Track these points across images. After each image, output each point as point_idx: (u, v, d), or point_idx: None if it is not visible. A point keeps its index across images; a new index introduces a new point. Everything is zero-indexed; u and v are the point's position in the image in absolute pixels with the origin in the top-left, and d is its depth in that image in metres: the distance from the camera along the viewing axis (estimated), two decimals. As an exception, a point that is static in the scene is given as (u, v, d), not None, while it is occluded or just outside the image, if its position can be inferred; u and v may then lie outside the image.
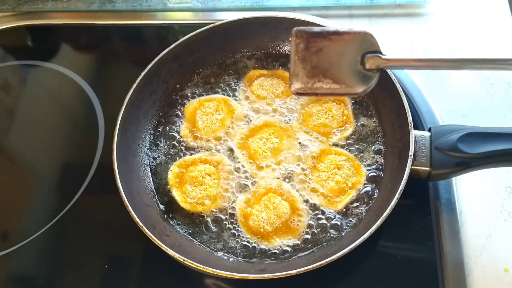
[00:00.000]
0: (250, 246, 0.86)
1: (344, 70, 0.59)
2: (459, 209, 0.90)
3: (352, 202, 0.89)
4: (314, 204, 0.89)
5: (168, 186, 0.93)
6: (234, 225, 0.88)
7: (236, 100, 1.04)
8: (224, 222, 0.89)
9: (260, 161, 0.94)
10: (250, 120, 1.00)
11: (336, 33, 0.59)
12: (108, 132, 1.06)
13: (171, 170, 0.95)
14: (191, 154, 0.98)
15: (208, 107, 1.02)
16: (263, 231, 0.86)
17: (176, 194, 0.92)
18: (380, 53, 0.61)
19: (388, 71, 0.93)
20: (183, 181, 0.93)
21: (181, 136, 1.00)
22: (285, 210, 0.87)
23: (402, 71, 1.09)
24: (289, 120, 1.00)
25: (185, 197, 0.91)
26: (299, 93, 0.63)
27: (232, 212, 0.90)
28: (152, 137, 1.01)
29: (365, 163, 0.93)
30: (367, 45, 0.60)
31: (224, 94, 1.05)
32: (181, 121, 1.02)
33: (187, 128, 1.01)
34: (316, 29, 0.59)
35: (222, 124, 1.00)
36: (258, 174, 0.93)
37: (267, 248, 0.85)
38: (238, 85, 1.07)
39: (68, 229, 0.95)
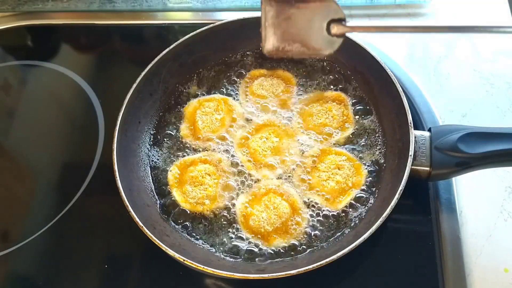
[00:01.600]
0: (250, 246, 0.86)
1: (312, 35, 0.63)
2: (459, 209, 0.90)
3: (352, 202, 0.89)
4: (314, 204, 0.89)
5: (168, 186, 0.93)
6: (234, 225, 0.88)
7: (236, 100, 1.04)
8: (224, 222, 0.89)
9: (260, 161, 0.94)
10: (250, 120, 1.00)
11: (303, 1, 0.62)
12: (108, 132, 1.06)
13: (171, 170, 0.95)
14: (191, 154, 0.98)
15: (208, 107, 1.02)
16: (264, 231, 0.86)
17: (176, 194, 0.92)
18: (344, 20, 0.64)
19: (388, 70, 0.93)
20: (183, 181, 0.93)
21: (181, 136, 1.00)
22: (285, 210, 0.87)
23: (401, 71, 1.09)
24: (289, 120, 1.00)
25: (185, 197, 0.91)
26: (270, 55, 0.68)
27: (232, 212, 0.90)
28: (152, 137, 1.01)
29: (365, 163, 0.93)
30: (332, 13, 0.63)
31: (224, 94, 1.05)
32: (181, 121, 1.02)
33: (187, 128, 1.01)
34: None
35: (222, 124, 1.00)
36: (258, 174, 0.93)
37: (267, 248, 0.85)
38: (238, 85, 1.07)
39: (68, 229, 0.95)
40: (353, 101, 1.01)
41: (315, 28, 0.64)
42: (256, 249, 0.86)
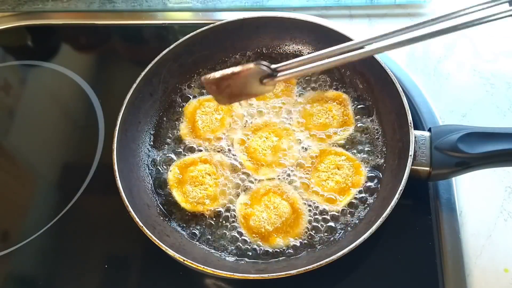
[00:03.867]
0: (250, 246, 0.86)
1: (251, 89, 0.74)
2: (459, 209, 0.90)
3: (352, 202, 0.89)
4: (314, 204, 0.89)
5: (168, 186, 0.93)
6: (234, 225, 0.89)
7: None
8: (224, 222, 0.89)
9: (260, 160, 0.94)
10: (250, 120, 1.00)
11: (235, 74, 0.72)
12: (108, 132, 1.06)
13: (171, 170, 0.95)
14: (191, 154, 0.98)
15: (208, 107, 1.02)
16: (264, 231, 0.86)
17: (176, 194, 0.92)
18: (272, 75, 0.74)
19: (388, 70, 0.93)
20: (183, 181, 0.93)
21: (181, 136, 1.00)
22: (286, 210, 0.87)
23: (401, 71, 1.09)
24: (289, 119, 1.00)
25: (185, 197, 0.91)
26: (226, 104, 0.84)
27: (232, 212, 0.90)
28: (152, 137, 1.01)
29: (365, 163, 0.93)
30: (260, 73, 0.73)
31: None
32: (181, 121, 1.02)
33: (187, 128, 1.01)
34: (217, 74, 0.73)
35: (222, 123, 1.00)
36: (258, 174, 0.93)
37: (267, 248, 0.85)
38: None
39: (68, 229, 0.95)
40: (353, 101, 1.01)
41: (252, 84, 0.74)
42: (256, 249, 0.86)
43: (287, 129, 0.98)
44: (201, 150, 0.98)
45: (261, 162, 0.94)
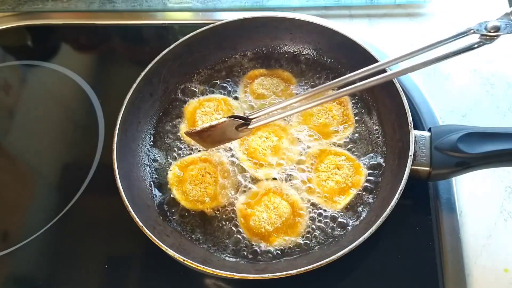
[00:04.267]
0: (250, 246, 0.86)
1: (230, 135, 0.87)
2: (459, 209, 0.90)
3: (352, 202, 0.89)
4: (314, 204, 0.89)
5: (168, 186, 0.93)
6: (234, 225, 0.89)
7: (236, 99, 1.04)
8: (224, 222, 0.89)
9: (260, 160, 0.94)
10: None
11: (212, 126, 0.84)
12: (108, 132, 1.06)
13: (171, 170, 0.95)
14: (191, 153, 0.98)
15: (208, 107, 1.02)
16: (264, 231, 0.86)
17: (176, 192, 0.92)
18: (245, 124, 0.86)
19: (388, 70, 0.93)
20: (183, 180, 0.93)
21: (181, 136, 1.00)
22: (286, 210, 0.87)
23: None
24: (289, 119, 1.00)
25: (185, 195, 0.91)
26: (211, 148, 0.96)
27: (232, 212, 0.90)
28: (152, 137, 1.01)
29: (365, 163, 0.93)
30: (235, 123, 0.85)
31: (224, 94, 1.05)
32: (181, 121, 1.02)
33: (187, 128, 1.01)
34: (198, 128, 0.85)
35: None
36: (258, 174, 0.93)
37: (267, 248, 0.85)
38: (238, 84, 1.07)
39: (68, 229, 0.95)
40: (353, 101, 1.01)
41: (230, 132, 0.86)
42: (256, 249, 0.86)
43: (287, 128, 0.98)
44: (201, 150, 0.98)
45: (261, 162, 0.94)
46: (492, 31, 0.72)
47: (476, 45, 0.74)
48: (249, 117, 0.87)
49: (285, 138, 0.97)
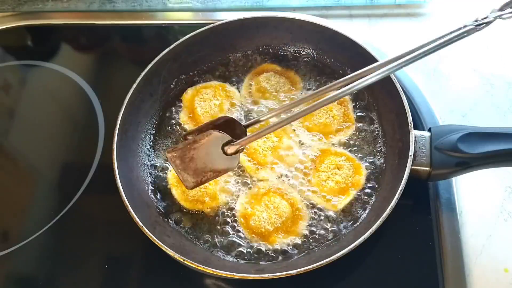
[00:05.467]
0: (251, 246, 0.86)
1: (215, 161, 0.78)
2: (459, 209, 0.90)
3: (352, 202, 0.89)
4: (314, 204, 0.89)
5: (168, 186, 0.93)
6: (235, 225, 0.88)
7: (235, 86, 1.05)
8: (224, 222, 0.89)
9: (260, 160, 0.94)
10: (249, 119, 1.00)
11: (195, 142, 0.77)
12: (108, 132, 1.06)
13: (171, 170, 0.95)
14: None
15: (206, 93, 1.03)
16: (264, 231, 0.86)
17: (176, 193, 0.92)
18: (232, 140, 0.78)
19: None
20: None
21: (181, 123, 1.01)
22: (286, 210, 0.87)
23: (402, 71, 1.09)
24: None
25: (185, 195, 0.91)
26: (194, 188, 0.83)
27: (232, 211, 0.90)
28: (152, 137, 1.01)
29: (365, 163, 0.93)
30: (220, 140, 0.77)
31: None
32: (180, 110, 1.03)
33: (186, 115, 1.02)
34: (180, 145, 0.77)
35: (221, 108, 1.01)
36: (258, 174, 0.93)
37: (267, 248, 0.85)
38: (239, 82, 1.07)
39: (68, 229, 0.95)
40: (354, 101, 1.01)
41: (215, 155, 0.78)
42: (256, 249, 0.86)
43: (286, 128, 0.98)
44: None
45: (261, 162, 0.94)
46: (481, 18, 0.72)
47: (466, 34, 0.76)
48: (244, 125, 0.84)
49: (285, 138, 0.96)
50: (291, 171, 0.93)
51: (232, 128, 0.86)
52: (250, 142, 0.81)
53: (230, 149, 0.79)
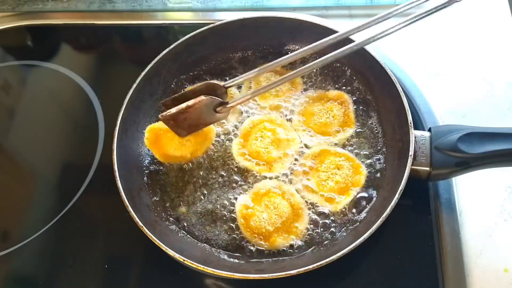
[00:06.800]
0: (250, 247, 0.86)
1: (207, 118, 0.81)
2: (459, 209, 0.90)
3: (352, 202, 0.89)
4: (314, 204, 0.89)
5: (168, 188, 0.94)
6: (234, 225, 0.88)
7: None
8: (224, 222, 0.89)
9: (259, 160, 0.94)
10: (249, 116, 1.01)
11: (188, 107, 0.78)
12: (108, 132, 1.06)
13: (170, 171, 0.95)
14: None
15: None
16: (265, 231, 0.86)
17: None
18: (223, 103, 0.81)
19: (388, 70, 0.93)
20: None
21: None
22: (286, 210, 0.87)
23: (402, 71, 1.09)
24: (290, 119, 1.00)
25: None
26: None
27: (232, 211, 0.90)
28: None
29: (365, 163, 0.93)
30: (213, 103, 0.80)
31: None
32: None
33: None
34: (173, 110, 0.78)
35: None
36: (257, 174, 0.93)
37: (267, 248, 0.85)
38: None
39: (68, 229, 0.95)
40: (354, 101, 1.01)
41: (207, 114, 0.81)
42: (256, 249, 0.86)
43: (286, 127, 0.98)
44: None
45: (269, 159, 0.94)
46: None
47: (446, 4, 0.76)
48: (225, 86, 0.85)
49: (280, 128, 0.96)
50: (291, 171, 0.93)
51: (213, 90, 0.87)
52: (242, 102, 0.87)
53: (222, 110, 0.83)
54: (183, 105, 0.79)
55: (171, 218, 0.90)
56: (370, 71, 0.99)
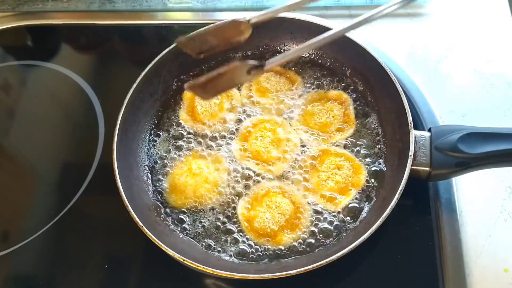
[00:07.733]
0: (250, 246, 0.86)
1: (238, 82, 0.74)
2: (459, 209, 0.90)
3: (352, 202, 0.89)
4: (314, 204, 0.89)
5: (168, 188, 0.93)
6: (234, 225, 0.88)
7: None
8: (224, 222, 0.89)
9: (259, 160, 0.94)
10: (249, 116, 1.01)
11: (220, 74, 0.71)
12: (108, 132, 1.06)
13: (172, 172, 0.95)
14: (191, 152, 0.97)
15: None
16: (270, 231, 0.86)
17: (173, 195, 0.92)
18: (259, 66, 0.73)
19: (388, 70, 0.93)
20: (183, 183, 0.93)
21: (181, 122, 1.01)
22: (288, 207, 0.87)
23: (401, 71, 1.09)
24: (290, 118, 1.00)
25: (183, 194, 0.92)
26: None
27: (232, 211, 0.90)
28: (152, 137, 1.01)
29: (365, 163, 0.93)
30: (247, 67, 0.73)
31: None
32: (180, 108, 1.04)
33: (186, 114, 1.02)
34: (202, 78, 0.71)
35: (221, 108, 1.01)
36: (257, 174, 0.93)
37: (267, 248, 0.85)
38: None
39: (68, 229, 0.95)
40: (354, 101, 1.01)
41: (239, 78, 0.74)
42: (256, 249, 0.86)
43: (286, 126, 0.98)
44: (201, 141, 0.98)
45: (260, 162, 0.94)
46: None
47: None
48: (250, 21, 0.82)
49: (280, 128, 0.96)
50: (291, 171, 0.93)
51: (237, 27, 0.84)
52: (280, 64, 0.80)
53: (256, 73, 0.74)
54: (214, 73, 0.72)
55: (171, 218, 0.90)
56: (370, 71, 0.99)
